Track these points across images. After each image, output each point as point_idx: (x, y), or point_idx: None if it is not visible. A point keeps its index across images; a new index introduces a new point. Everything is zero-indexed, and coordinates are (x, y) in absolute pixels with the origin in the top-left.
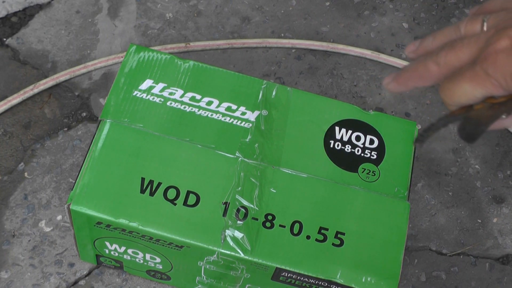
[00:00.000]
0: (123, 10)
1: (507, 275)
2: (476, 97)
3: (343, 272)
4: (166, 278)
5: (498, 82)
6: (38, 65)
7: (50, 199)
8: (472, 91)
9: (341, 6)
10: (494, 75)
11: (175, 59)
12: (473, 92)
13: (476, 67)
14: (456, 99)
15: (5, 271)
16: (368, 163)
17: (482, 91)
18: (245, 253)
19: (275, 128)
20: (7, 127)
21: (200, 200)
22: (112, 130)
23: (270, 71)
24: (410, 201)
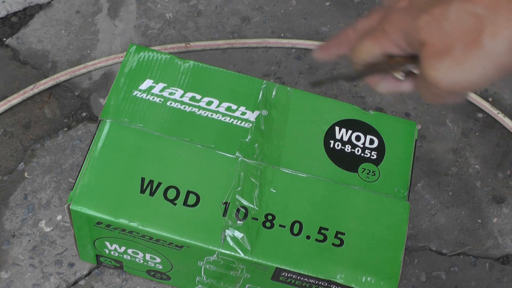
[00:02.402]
0: (123, 10)
1: (507, 275)
2: (375, 54)
3: (343, 272)
4: (166, 278)
5: (392, 39)
6: (38, 65)
7: (50, 199)
8: (371, 48)
9: (341, 6)
10: (389, 31)
11: (175, 59)
12: (372, 49)
13: (377, 26)
14: (359, 56)
15: (5, 271)
16: (368, 163)
17: (380, 47)
18: (245, 253)
19: (275, 128)
20: (7, 127)
21: (200, 200)
22: (112, 130)
23: (270, 71)
24: (410, 201)
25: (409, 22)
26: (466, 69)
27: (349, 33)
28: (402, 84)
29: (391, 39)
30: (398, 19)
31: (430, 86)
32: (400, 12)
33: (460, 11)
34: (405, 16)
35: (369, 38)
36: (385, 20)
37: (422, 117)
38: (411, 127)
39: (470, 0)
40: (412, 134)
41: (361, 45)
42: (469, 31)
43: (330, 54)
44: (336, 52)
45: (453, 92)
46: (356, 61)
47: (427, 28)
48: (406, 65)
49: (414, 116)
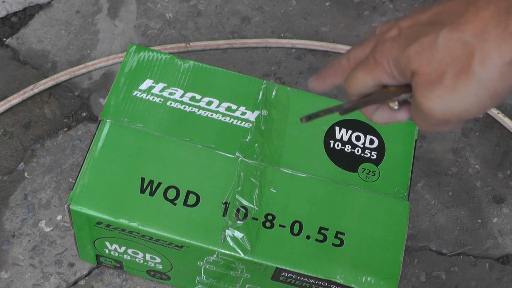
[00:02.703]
0: (123, 10)
1: (507, 275)
2: (369, 85)
3: (343, 272)
4: (166, 278)
5: (384, 69)
6: (38, 65)
7: (50, 199)
8: (365, 79)
9: (341, 6)
10: (380, 61)
11: (175, 59)
12: (365, 80)
13: (369, 56)
14: (353, 87)
15: (5, 271)
16: (368, 163)
17: (372, 78)
18: (245, 253)
19: (275, 128)
20: (7, 127)
21: (200, 200)
22: (112, 130)
23: (270, 71)
24: (410, 201)
25: (399, 52)
26: (458, 97)
27: (343, 63)
28: (397, 114)
29: (383, 69)
30: (388, 48)
31: (424, 115)
32: (391, 41)
33: (449, 40)
34: (395, 46)
35: (362, 68)
36: (376, 50)
37: None
38: (411, 127)
39: (458, 29)
40: (412, 134)
41: (354, 76)
42: (459, 59)
43: (326, 84)
44: (331, 82)
45: (447, 121)
46: (350, 91)
47: (417, 58)
48: (399, 95)
49: None
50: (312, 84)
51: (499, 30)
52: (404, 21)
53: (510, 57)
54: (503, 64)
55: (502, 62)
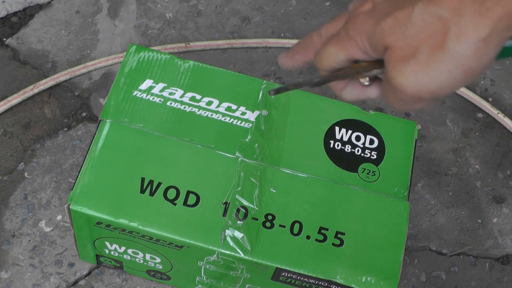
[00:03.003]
0: (123, 10)
1: (507, 275)
2: (340, 60)
3: (343, 272)
4: (166, 278)
5: (356, 43)
6: (38, 65)
7: (50, 199)
8: (336, 54)
9: (341, 6)
10: (353, 35)
11: (175, 59)
12: (336, 55)
13: (341, 30)
14: (324, 62)
15: (5, 271)
16: (368, 163)
17: (344, 53)
18: (245, 253)
19: (275, 128)
20: (7, 127)
21: (200, 200)
22: (112, 130)
23: (270, 71)
24: (410, 201)
25: (373, 26)
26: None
27: (314, 38)
28: (368, 90)
29: (355, 43)
30: (362, 22)
31: (395, 91)
32: (364, 15)
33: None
34: (369, 20)
35: (333, 43)
36: (349, 24)
37: (422, 117)
38: (411, 127)
39: (434, 3)
40: (412, 134)
41: (325, 50)
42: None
43: (296, 60)
44: (302, 58)
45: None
46: (321, 66)
47: (391, 32)
48: (371, 70)
49: (414, 116)
50: (282, 60)
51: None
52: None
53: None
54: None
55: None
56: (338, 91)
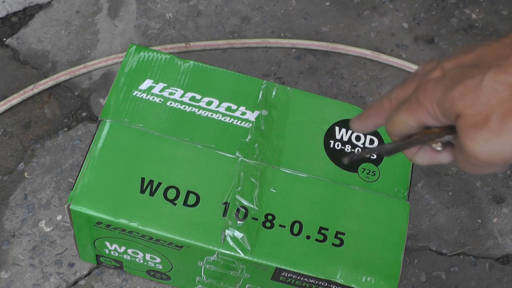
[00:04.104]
0: (123, 10)
1: (507, 275)
2: (411, 126)
3: (343, 272)
4: (166, 278)
5: (427, 110)
6: (38, 65)
7: (50, 199)
8: (407, 120)
9: (341, 6)
10: (423, 102)
11: (175, 59)
12: (407, 121)
13: (411, 97)
14: (395, 128)
15: (5, 271)
16: (368, 163)
17: (415, 119)
18: (245, 253)
19: (275, 128)
20: (7, 127)
21: (200, 200)
22: (112, 130)
23: (270, 71)
24: (410, 201)
25: (444, 94)
26: (504, 140)
27: (384, 103)
28: (440, 155)
29: (426, 111)
30: (432, 90)
31: (468, 157)
32: (434, 82)
33: (494, 82)
34: (440, 87)
35: (404, 109)
36: (419, 91)
37: None
38: None
39: (505, 71)
40: None
41: (396, 117)
42: (505, 102)
43: (368, 125)
44: (373, 123)
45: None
46: (392, 132)
47: (462, 100)
48: (443, 136)
49: None
50: (354, 125)
51: None
52: (447, 62)
53: None
54: None
55: None
56: (410, 156)
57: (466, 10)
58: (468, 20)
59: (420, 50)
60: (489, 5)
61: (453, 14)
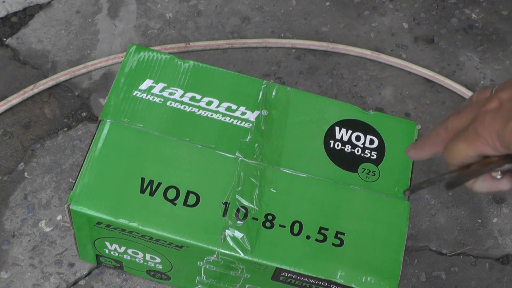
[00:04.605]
0: (123, 10)
1: (507, 275)
2: (470, 156)
3: (343, 272)
4: (166, 278)
5: (486, 141)
6: (38, 65)
7: (50, 199)
8: (466, 150)
9: (341, 6)
10: (482, 134)
11: (175, 59)
12: (466, 151)
13: (469, 128)
14: (454, 158)
15: (5, 271)
16: (368, 163)
17: (474, 150)
18: (245, 253)
19: (275, 128)
20: (7, 127)
21: (200, 200)
22: (112, 130)
23: (270, 71)
24: (410, 201)
25: (503, 125)
26: None
27: (440, 132)
28: (500, 183)
29: (485, 142)
30: (490, 121)
31: None
32: (492, 114)
33: None
34: (498, 119)
35: (463, 140)
36: (477, 122)
37: (422, 117)
38: (411, 127)
39: None
40: (412, 134)
41: (455, 147)
42: None
43: (424, 153)
44: (430, 151)
45: None
46: (451, 162)
47: None
48: (502, 165)
49: (414, 116)
50: (410, 153)
51: None
52: (504, 93)
53: None
54: None
55: None
56: (470, 184)
57: (466, 10)
58: (468, 20)
59: (420, 50)
60: (489, 5)
61: (453, 14)
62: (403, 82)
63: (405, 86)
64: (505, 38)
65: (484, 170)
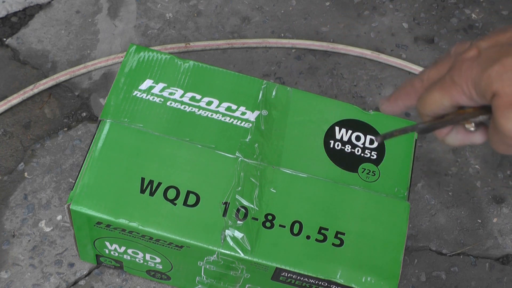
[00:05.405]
0: (123, 10)
1: (507, 275)
2: (444, 105)
3: (343, 272)
4: (166, 278)
5: (462, 89)
6: (38, 65)
7: (50, 199)
8: (441, 99)
9: (341, 6)
10: (458, 82)
11: (175, 59)
12: (441, 100)
13: (445, 76)
14: (428, 108)
15: (5, 271)
16: (368, 163)
17: (449, 98)
18: (245, 253)
19: (275, 128)
20: (7, 127)
21: (200, 200)
22: (112, 130)
23: (270, 71)
24: (410, 201)
25: (479, 73)
26: None
27: (415, 84)
28: (473, 135)
29: (461, 90)
30: (467, 69)
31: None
32: (469, 62)
33: None
34: (475, 66)
35: (438, 89)
36: (453, 70)
37: None
38: None
39: None
40: (412, 134)
41: (429, 96)
42: None
43: (398, 106)
44: (404, 103)
45: None
46: (424, 112)
47: (499, 79)
48: (477, 116)
49: (414, 116)
50: (383, 106)
51: None
52: (483, 42)
53: None
54: None
55: None
56: (442, 136)
57: (466, 10)
58: (468, 20)
59: (420, 50)
60: (489, 5)
61: (453, 14)
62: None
63: None
64: None
65: (457, 119)
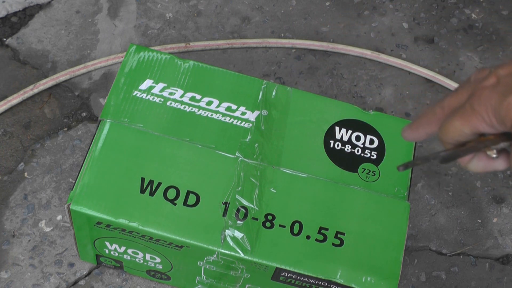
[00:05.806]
0: (123, 10)
1: (507, 275)
2: (465, 133)
3: (343, 272)
4: (166, 278)
5: (482, 117)
6: (38, 65)
7: (50, 199)
8: (461, 127)
9: (341, 6)
10: (478, 110)
11: (175, 59)
12: (462, 128)
13: (465, 104)
14: (449, 136)
15: (5, 271)
16: (368, 163)
17: (470, 126)
18: (245, 253)
19: (275, 128)
20: (7, 127)
21: (200, 200)
22: (112, 130)
23: (270, 71)
24: (410, 201)
25: (499, 101)
26: None
27: (437, 111)
28: (496, 162)
29: (481, 118)
30: (487, 97)
31: None
32: (489, 90)
33: None
34: (494, 94)
35: (458, 117)
36: (473, 99)
37: None
38: None
39: None
40: None
41: (450, 124)
42: None
43: (420, 133)
44: (425, 131)
45: None
46: (446, 140)
47: None
48: (498, 143)
49: (414, 116)
50: (405, 134)
51: None
52: (501, 69)
53: None
54: None
55: None
56: (464, 163)
57: (466, 10)
58: (468, 20)
59: (420, 50)
60: (489, 5)
61: (453, 14)
62: (403, 82)
63: (405, 86)
64: (505, 38)
65: (479, 147)
